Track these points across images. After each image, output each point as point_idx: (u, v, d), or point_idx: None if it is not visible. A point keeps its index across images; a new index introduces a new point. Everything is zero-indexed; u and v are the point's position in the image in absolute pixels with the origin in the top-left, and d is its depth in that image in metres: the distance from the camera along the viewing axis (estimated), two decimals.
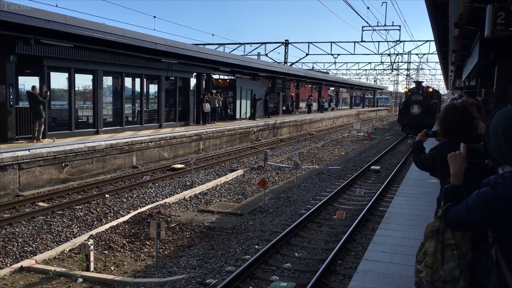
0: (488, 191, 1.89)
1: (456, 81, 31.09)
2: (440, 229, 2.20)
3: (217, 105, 24.88)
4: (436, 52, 26.89)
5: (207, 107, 23.43)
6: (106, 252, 8.00)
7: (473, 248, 2.13)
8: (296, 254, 7.86)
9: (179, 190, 12.64)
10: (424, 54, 50.83)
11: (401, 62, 57.84)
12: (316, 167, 17.32)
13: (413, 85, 34.43)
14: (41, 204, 10.87)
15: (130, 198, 11.53)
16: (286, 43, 40.55)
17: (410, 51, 52.47)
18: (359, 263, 5.59)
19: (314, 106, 45.58)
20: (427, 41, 39.64)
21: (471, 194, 1.98)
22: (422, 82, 34.20)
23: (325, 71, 53.87)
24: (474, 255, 2.12)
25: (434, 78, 78.81)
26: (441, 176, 3.44)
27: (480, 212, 1.91)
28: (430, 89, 32.37)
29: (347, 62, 58.51)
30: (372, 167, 16.58)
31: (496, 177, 1.92)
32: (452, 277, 2.10)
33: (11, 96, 13.86)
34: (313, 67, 53.87)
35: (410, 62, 58.35)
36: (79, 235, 8.74)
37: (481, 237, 2.05)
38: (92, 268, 7.11)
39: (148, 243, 8.36)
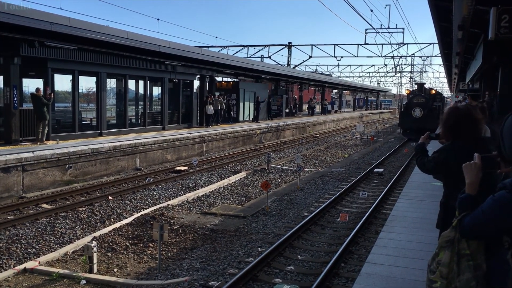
0: (504, 195, 1.87)
1: (460, 84, 30.91)
2: (455, 239, 2.18)
3: (219, 107, 24.90)
4: (439, 55, 26.69)
5: (210, 109, 23.45)
6: (109, 254, 8.01)
7: (486, 256, 2.11)
8: (299, 256, 7.85)
9: (182, 192, 12.65)
10: (427, 57, 50.80)
11: (405, 64, 57.82)
12: (319, 169, 17.30)
13: (415, 87, 33.80)
14: (44, 205, 10.89)
15: (133, 200, 11.54)
16: (290, 46, 40.56)
17: (413, 54, 52.30)
18: (362, 266, 5.57)
19: (318, 108, 45.54)
20: (430, 43, 39.65)
21: (486, 200, 1.97)
22: (425, 83, 33.66)
23: (328, 73, 53.76)
24: (488, 263, 2.10)
25: (438, 80, 78.76)
26: (444, 178, 3.43)
27: (496, 216, 1.89)
28: (433, 91, 31.65)
29: (350, 65, 58.61)
30: (376, 169, 16.55)
31: (511, 180, 1.90)
32: None
33: (15, 98, 13.91)
34: (316, 69, 53.81)
35: (413, 65, 58.30)
36: (82, 237, 8.75)
37: (495, 243, 2.02)
38: (95, 270, 7.12)
39: (151, 245, 8.37)
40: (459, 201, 2.18)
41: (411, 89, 33.94)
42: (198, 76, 24.53)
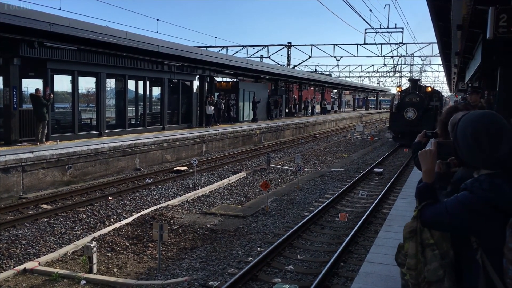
0: (467, 196, 1.87)
1: (459, 83, 30.85)
2: (417, 229, 2.15)
3: (218, 107, 24.91)
4: (439, 55, 26.56)
5: (209, 109, 23.47)
6: (109, 254, 8.02)
7: (454, 250, 2.08)
8: (298, 256, 7.86)
9: (182, 192, 12.66)
10: (427, 57, 50.68)
11: (404, 64, 57.85)
12: (319, 169, 17.32)
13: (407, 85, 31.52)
14: (44, 206, 10.91)
15: (133, 201, 11.55)
16: (289, 46, 40.59)
17: (413, 53, 52.41)
18: (361, 266, 5.59)
19: (317, 108, 45.53)
20: (430, 43, 39.62)
21: (450, 198, 1.95)
22: (419, 80, 30.23)
23: (328, 73, 53.81)
24: (456, 256, 2.08)
25: (437, 80, 78.75)
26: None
27: (462, 217, 1.88)
28: (429, 89, 27.96)
29: (350, 65, 58.44)
30: (375, 169, 16.56)
31: (472, 181, 1.90)
32: (436, 277, 2.05)
33: (15, 98, 13.93)
34: (316, 69, 53.85)
35: (413, 65, 58.32)
36: (82, 237, 8.76)
37: (462, 242, 2.01)
38: (95, 270, 7.13)
39: (151, 245, 8.38)
40: (417, 191, 2.15)
41: (402, 86, 31.76)
42: (198, 76, 24.56)
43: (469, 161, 1.98)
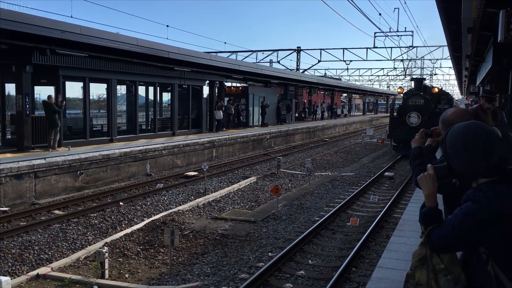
0: (472, 206, 1.85)
1: (470, 86, 30.53)
2: (427, 255, 2.10)
3: (227, 112, 24.95)
4: (449, 57, 26.23)
5: (218, 114, 23.53)
6: (120, 259, 8.05)
7: (466, 274, 2.03)
8: (309, 261, 7.83)
9: (192, 197, 12.69)
10: (437, 60, 50.38)
11: (414, 67, 57.49)
12: (329, 173, 17.27)
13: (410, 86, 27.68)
14: (56, 212, 11.00)
15: (144, 206, 11.60)
16: (298, 50, 40.59)
17: (423, 57, 52.04)
18: (373, 271, 5.55)
19: (326, 113, 45.39)
20: (440, 46, 39.32)
21: (453, 213, 1.93)
22: (424, 79, 26.37)
23: (337, 77, 53.72)
24: (468, 273, 2.03)
25: (448, 83, 78.13)
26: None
27: (469, 229, 1.86)
28: (436, 90, 24.64)
29: (359, 68, 58.41)
30: (386, 173, 16.47)
31: (474, 191, 1.89)
32: None
33: (27, 105, 14.09)
34: (325, 73, 53.77)
35: (423, 68, 57.97)
36: (94, 243, 8.81)
37: (470, 255, 1.99)
38: (107, 276, 7.17)
39: (162, 250, 8.40)
40: (421, 216, 2.11)
41: (403, 87, 26.22)
42: (208, 81, 24.64)
43: (464, 172, 1.97)
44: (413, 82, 24.06)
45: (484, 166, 1.88)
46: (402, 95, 25.86)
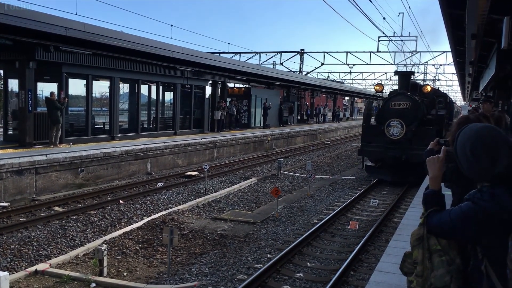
0: (470, 206, 1.87)
1: (473, 93, 30.54)
2: (424, 236, 2.16)
3: (229, 113, 24.95)
4: (452, 63, 26.30)
5: (216, 114, 23.50)
6: (119, 257, 8.06)
7: (461, 256, 2.08)
8: (308, 264, 7.83)
9: (192, 197, 12.70)
10: (440, 65, 50.26)
11: (418, 72, 57.41)
12: (330, 176, 17.26)
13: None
14: (56, 208, 11.00)
15: (144, 205, 11.61)
16: (302, 53, 40.63)
17: (426, 62, 52.08)
18: (371, 274, 5.55)
19: (329, 116, 45.38)
20: (443, 52, 39.34)
21: (455, 207, 1.95)
22: (413, 73, 19.28)
23: (340, 80, 53.71)
24: (463, 263, 2.07)
25: (451, 89, 78.12)
26: (453, 187, 3.40)
27: (464, 228, 1.89)
28: (428, 88, 17.73)
29: (362, 72, 58.29)
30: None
31: (475, 192, 1.91)
32: (443, 283, 2.05)
33: (30, 101, 14.11)
34: (328, 76, 53.74)
35: (426, 73, 57.86)
36: (93, 240, 8.82)
37: (469, 251, 2.01)
38: (105, 273, 7.17)
39: (161, 249, 8.41)
40: (424, 197, 2.15)
41: (383, 85, 18.73)
42: (210, 82, 24.66)
43: (469, 175, 1.98)
44: (397, 76, 17.37)
45: (489, 173, 1.88)
46: (380, 94, 20.22)
